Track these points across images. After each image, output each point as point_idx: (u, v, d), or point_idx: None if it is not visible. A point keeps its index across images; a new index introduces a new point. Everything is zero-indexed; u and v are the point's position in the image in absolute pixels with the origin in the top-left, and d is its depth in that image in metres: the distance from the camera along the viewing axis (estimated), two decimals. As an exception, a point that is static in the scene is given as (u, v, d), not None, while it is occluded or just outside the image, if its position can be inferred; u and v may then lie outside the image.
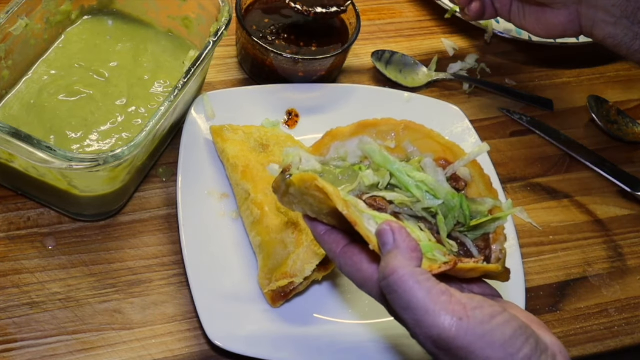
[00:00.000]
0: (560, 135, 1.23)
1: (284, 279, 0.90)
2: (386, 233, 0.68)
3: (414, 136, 0.78)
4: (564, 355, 0.71)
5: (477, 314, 0.65)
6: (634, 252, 1.12)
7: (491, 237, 0.77)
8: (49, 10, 1.02)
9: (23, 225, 0.97)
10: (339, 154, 0.77)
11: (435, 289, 0.66)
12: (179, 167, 1.00)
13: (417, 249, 0.68)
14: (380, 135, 0.77)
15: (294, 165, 0.74)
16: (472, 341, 0.65)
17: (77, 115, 1.01)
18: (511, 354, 0.66)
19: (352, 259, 0.73)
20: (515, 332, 0.67)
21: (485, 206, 0.76)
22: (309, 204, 0.73)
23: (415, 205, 0.74)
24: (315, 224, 0.76)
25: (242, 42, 1.15)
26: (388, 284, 0.66)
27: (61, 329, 0.90)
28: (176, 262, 0.97)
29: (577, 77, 1.34)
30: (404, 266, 0.66)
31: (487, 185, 0.78)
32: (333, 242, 0.75)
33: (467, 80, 1.26)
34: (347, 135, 0.76)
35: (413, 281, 0.65)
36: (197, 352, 0.91)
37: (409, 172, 0.74)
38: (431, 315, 0.65)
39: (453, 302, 0.65)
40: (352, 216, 0.68)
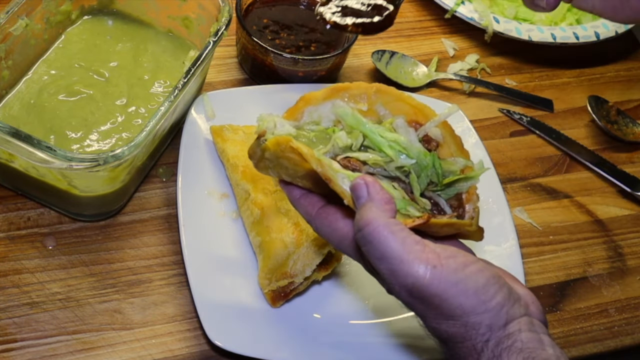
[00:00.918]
0: (560, 135, 1.23)
1: (284, 279, 0.90)
2: (360, 187, 0.69)
3: (385, 99, 0.79)
4: (536, 305, 0.72)
5: (450, 262, 0.67)
6: (634, 252, 1.12)
7: (464, 196, 0.77)
8: (49, 10, 1.03)
9: (23, 225, 0.97)
10: (312, 118, 0.78)
11: (409, 239, 0.67)
12: (179, 167, 1.00)
13: (391, 201, 0.69)
14: (352, 98, 0.78)
15: (269, 131, 0.75)
16: (445, 288, 0.66)
17: (77, 115, 1.01)
18: (484, 301, 0.67)
19: (327, 219, 0.74)
20: (488, 280, 0.68)
21: (456, 165, 0.77)
22: (284, 167, 0.74)
23: (389, 165, 0.74)
24: (290, 188, 0.77)
25: (242, 42, 1.15)
26: (363, 235, 0.67)
27: (61, 329, 0.90)
28: (176, 262, 0.97)
29: (577, 77, 1.34)
30: (378, 217, 0.67)
31: (459, 146, 0.79)
32: (309, 204, 0.75)
33: (467, 80, 1.26)
34: (320, 99, 0.77)
35: (387, 231, 0.66)
36: (197, 352, 0.91)
37: (382, 133, 0.75)
38: (405, 264, 0.66)
39: (427, 251, 0.67)
40: (326, 173, 0.69)
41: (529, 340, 0.68)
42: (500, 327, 0.68)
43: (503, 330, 0.68)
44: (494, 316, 0.68)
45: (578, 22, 1.35)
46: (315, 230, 0.76)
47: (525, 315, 0.70)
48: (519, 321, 0.69)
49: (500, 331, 0.68)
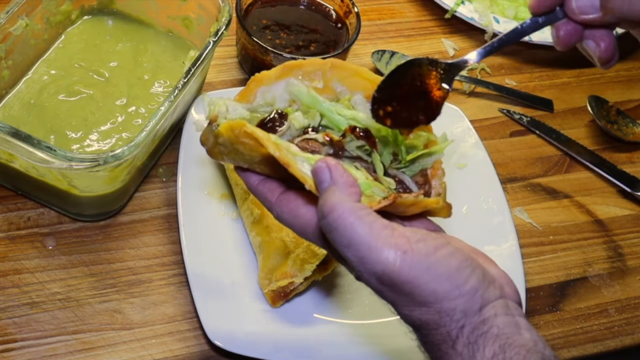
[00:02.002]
0: (560, 135, 1.23)
1: (284, 279, 0.90)
2: (322, 170, 0.66)
3: (341, 74, 0.75)
4: (511, 286, 0.69)
5: (420, 246, 0.64)
6: (634, 252, 1.12)
7: (429, 172, 0.74)
8: (49, 10, 1.03)
9: (23, 225, 0.97)
10: (265, 99, 0.74)
11: (376, 224, 0.64)
12: (179, 167, 1.00)
13: (355, 184, 0.66)
14: (306, 76, 0.74)
15: (221, 115, 0.71)
16: (417, 275, 0.63)
17: (77, 115, 1.01)
18: (457, 286, 0.64)
19: (288, 205, 0.70)
20: (460, 264, 0.65)
21: (419, 140, 0.73)
22: (240, 153, 0.70)
23: (349, 145, 0.71)
24: (248, 175, 0.73)
25: (242, 42, 1.15)
26: (327, 222, 0.64)
27: (61, 329, 0.90)
28: (176, 262, 0.97)
29: (577, 77, 1.34)
30: (342, 202, 0.64)
31: None
32: (268, 191, 0.72)
33: (467, 80, 1.26)
34: (272, 79, 0.73)
35: (353, 217, 0.63)
36: (197, 352, 0.91)
37: (339, 111, 0.72)
38: (374, 251, 0.63)
39: (396, 236, 0.64)
40: (284, 158, 0.66)
41: (505, 325, 0.65)
42: (476, 312, 0.65)
43: (478, 315, 0.65)
44: (468, 301, 0.65)
45: (578, 22, 1.35)
46: (276, 217, 0.72)
47: (501, 298, 0.67)
48: (494, 305, 0.66)
49: (476, 316, 0.65)
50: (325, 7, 1.20)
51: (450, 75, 0.74)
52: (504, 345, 0.64)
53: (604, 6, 0.71)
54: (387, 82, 0.72)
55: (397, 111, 0.71)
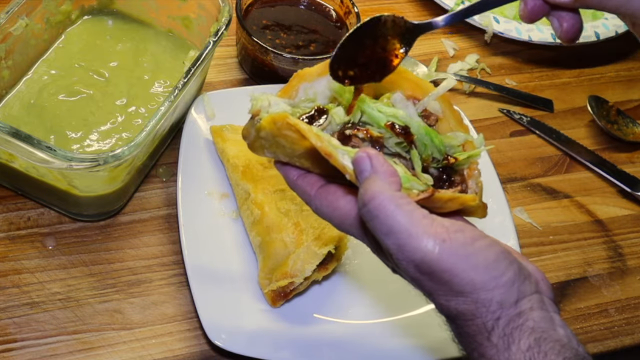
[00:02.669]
0: (560, 135, 1.23)
1: (284, 279, 0.90)
2: (363, 160, 0.66)
3: None
4: (545, 283, 0.70)
5: (459, 236, 0.65)
6: (634, 252, 1.12)
7: (466, 172, 0.75)
8: (49, 10, 1.03)
9: (23, 225, 0.97)
10: (307, 95, 0.74)
11: (416, 212, 0.64)
12: (179, 167, 1.00)
13: (395, 174, 0.67)
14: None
15: (263, 110, 0.72)
16: (455, 263, 0.64)
17: (77, 115, 1.01)
18: (495, 277, 0.65)
19: (327, 198, 0.71)
20: (498, 256, 0.66)
21: (457, 140, 0.75)
22: (281, 146, 0.71)
23: (388, 142, 0.72)
24: (287, 169, 0.74)
25: (242, 42, 1.15)
26: (368, 210, 0.65)
27: (61, 329, 0.90)
28: (176, 262, 0.97)
29: (577, 77, 1.34)
30: (383, 190, 0.64)
31: (458, 120, 0.77)
32: (307, 185, 0.72)
33: (467, 80, 1.26)
34: (314, 75, 0.74)
35: (394, 205, 0.64)
36: (197, 352, 0.91)
37: (380, 108, 0.72)
38: (414, 238, 0.64)
39: (435, 225, 0.64)
40: (326, 149, 0.67)
41: (540, 320, 0.66)
42: (512, 305, 0.66)
43: (514, 307, 0.66)
44: (505, 292, 0.65)
45: (578, 22, 1.35)
46: (315, 210, 0.73)
47: (537, 293, 0.67)
48: (530, 299, 0.67)
49: (512, 309, 0.66)
50: (325, 7, 1.20)
51: (412, 35, 0.75)
52: (539, 339, 0.64)
53: None
54: (350, 39, 0.73)
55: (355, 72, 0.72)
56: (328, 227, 0.92)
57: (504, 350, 0.65)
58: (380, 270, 1.01)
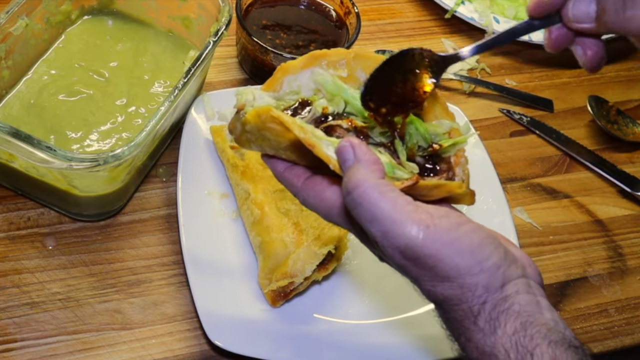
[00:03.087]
0: (560, 135, 1.23)
1: (284, 279, 0.90)
2: (346, 149, 0.67)
3: (365, 64, 0.76)
4: (533, 267, 0.70)
5: (444, 221, 0.65)
6: (634, 252, 1.12)
7: (452, 160, 0.75)
8: (49, 10, 1.03)
9: (23, 225, 0.97)
10: (292, 88, 0.75)
11: (400, 199, 0.65)
12: (179, 167, 1.00)
13: (379, 162, 0.67)
14: (331, 65, 0.75)
15: (248, 104, 0.73)
16: (439, 248, 0.64)
17: (77, 115, 1.01)
18: (479, 261, 0.65)
19: (314, 189, 0.72)
20: (483, 240, 0.66)
21: (442, 128, 0.75)
22: (267, 139, 0.72)
23: (372, 132, 0.72)
24: (274, 162, 0.75)
25: (242, 42, 1.15)
26: (352, 198, 0.65)
27: (61, 329, 0.90)
28: (176, 262, 0.97)
29: (577, 77, 1.34)
30: (367, 179, 0.65)
31: (444, 108, 0.76)
32: (294, 177, 0.73)
33: (467, 80, 1.26)
34: (298, 68, 0.75)
35: (377, 192, 0.64)
36: (197, 352, 0.91)
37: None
38: (398, 225, 0.64)
39: (419, 211, 0.65)
40: (309, 139, 0.67)
41: (526, 303, 0.66)
42: (497, 289, 0.66)
43: (500, 292, 0.66)
44: (490, 276, 0.66)
45: (578, 22, 1.35)
46: (302, 202, 0.74)
47: (523, 277, 0.68)
48: (516, 282, 0.67)
49: (497, 293, 0.66)
50: (325, 7, 1.20)
51: (440, 67, 0.76)
52: (525, 322, 0.65)
53: (600, 19, 0.72)
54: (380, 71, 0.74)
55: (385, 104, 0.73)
56: (328, 227, 0.92)
57: (490, 334, 0.65)
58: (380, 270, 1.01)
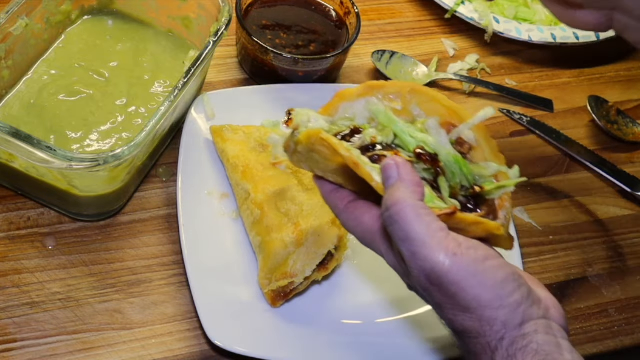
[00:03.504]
0: (560, 136, 1.23)
1: (284, 279, 0.90)
2: (390, 167, 0.69)
3: (420, 99, 0.79)
4: (558, 310, 0.71)
5: (471, 252, 0.67)
6: (634, 252, 1.12)
7: (497, 202, 0.76)
8: (49, 10, 1.02)
9: (23, 225, 0.97)
10: (347, 114, 0.78)
11: (434, 224, 0.67)
12: (179, 167, 1.00)
13: (420, 184, 0.70)
14: (386, 97, 0.79)
15: (302, 125, 0.76)
16: (463, 278, 0.66)
17: (77, 115, 1.01)
18: (501, 297, 0.66)
19: (354, 213, 0.75)
20: (507, 277, 0.67)
21: (488, 170, 0.76)
22: (315, 160, 0.75)
23: (417, 166, 0.74)
24: (323, 182, 0.78)
25: (242, 42, 1.15)
26: (390, 214, 0.68)
27: (61, 329, 0.90)
28: (176, 262, 0.97)
29: (577, 77, 1.34)
30: (406, 198, 0.67)
31: (494, 150, 0.78)
32: (338, 199, 0.76)
33: (467, 80, 1.26)
34: (354, 96, 0.78)
35: (414, 213, 0.67)
36: (197, 352, 0.91)
37: (412, 133, 0.75)
38: (427, 248, 0.66)
39: (449, 239, 0.67)
40: (352, 158, 0.71)
41: (545, 343, 0.67)
42: (516, 326, 0.67)
43: (518, 329, 0.67)
44: (509, 313, 0.67)
45: (578, 22, 1.35)
46: (342, 223, 0.77)
47: (544, 318, 0.69)
48: (536, 322, 0.68)
49: (516, 330, 0.67)
50: (325, 7, 1.20)
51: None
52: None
53: None
54: None
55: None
56: (328, 227, 0.92)
57: None
58: (380, 270, 1.01)
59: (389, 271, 1.01)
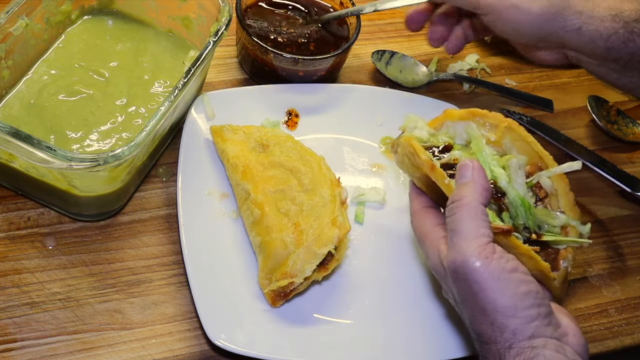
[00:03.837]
0: (560, 135, 1.23)
1: (284, 279, 0.90)
2: (466, 167, 0.76)
3: (513, 136, 0.85)
4: (577, 338, 0.73)
5: (502, 261, 0.72)
6: (634, 252, 1.12)
7: (561, 251, 0.82)
8: (49, 10, 1.02)
9: (23, 225, 0.97)
10: (449, 132, 0.87)
11: (483, 229, 0.73)
12: (179, 167, 1.00)
13: (489, 190, 0.76)
14: (484, 125, 0.87)
15: (409, 129, 0.87)
16: (487, 279, 0.70)
17: (77, 115, 1.01)
18: (516, 307, 0.70)
19: (422, 216, 0.83)
20: (528, 292, 0.71)
21: (556, 220, 0.82)
22: (406, 164, 0.85)
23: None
24: (412, 184, 0.88)
25: (242, 42, 1.15)
26: (452, 207, 0.75)
27: (61, 329, 0.90)
28: (176, 262, 0.97)
29: (577, 77, 1.34)
30: (472, 197, 0.74)
31: (569, 202, 0.83)
32: (416, 202, 0.85)
33: (467, 80, 1.26)
34: (456, 117, 0.87)
35: (472, 212, 0.73)
36: (197, 352, 0.91)
37: (492, 166, 0.82)
38: (465, 242, 0.72)
39: (488, 245, 0.72)
40: (430, 161, 0.79)
41: (552, 358, 0.69)
42: (525, 338, 0.69)
43: (527, 341, 0.69)
44: (521, 324, 0.70)
45: (578, 22, 1.35)
46: (411, 222, 0.85)
47: (557, 339, 0.70)
48: (547, 340, 0.70)
49: (524, 342, 0.69)
50: (325, 7, 1.20)
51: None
52: None
53: None
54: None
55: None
56: (328, 227, 0.92)
57: None
58: (380, 270, 1.01)
59: (389, 271, 1.01)
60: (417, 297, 0.99)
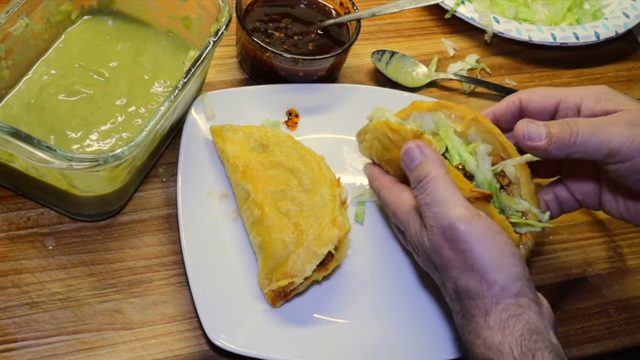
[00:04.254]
0: (560, 135, 1.23)
1: (284, 279, 0.90)
2: (412, 150, 0.80)
3: (479, 127, 0.88)
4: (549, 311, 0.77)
5: (487, 222, 0.75)
6: (634, 252, 1.12)
7: (521, 237, 0.84)
8: (49, 10, 1.02)
9: (23, 225, 0.97)
10: (415, 121, 0.90)
11: (459, 194, 0.76)
12: (179, 167, 1.00)
13: (443, 161, 0.79)
14: (450, 116, 0.89)
15: (376, 118, 0.92)
16: (475, 238, 0.73)
17: (77, 115, 1.01)
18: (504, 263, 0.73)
19: (396, 190, 0.87)
20: (514, 253, 0.75)
21: (519, 206, 0.85)
22: (375, 148, 0.90)
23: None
24: (373, 166, 0.93)
25: (242, 42, 1.15)
26: (421, 185, 0.78)
27: (61, 329, 0.90)
28: (176, 262, 0.97)
29: (577, 77, 1.34)
30: (436, 170, 0.77)
31: (530, 191, 0.86)
32: (385, 179, 0.90)
33: (467, 80, 1.26)
34: (424, 108, 0.91)
35: (443, 182, 0.77)
36: (197, 352, 0.91)
37: (460, 151, 0.85)
38: (448, 207, 0.75)
39: (471, 208, 0.76)
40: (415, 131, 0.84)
41: (535, 320, 0.72)
42: (512, 295, 0.72)
43: (513, 298, 0.72)
44: (508, 279, 0.72)
45: (578, 22, 1.35)
46: (381, 199, 0.89)
47: (538, 305, 0.74)
48: (530, 302, 0.73)
49: (511, 298, 0.72)
50: (325, 6, 1.20)
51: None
52: (532, 330, 0.71)
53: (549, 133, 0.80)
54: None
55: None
56: (328, 227, 0.92)
57: (498, 332, 0.72)
58: (380, 270, 1.01)
59: (389, 271, 1.01)
60: (417, 297, 0.99)
